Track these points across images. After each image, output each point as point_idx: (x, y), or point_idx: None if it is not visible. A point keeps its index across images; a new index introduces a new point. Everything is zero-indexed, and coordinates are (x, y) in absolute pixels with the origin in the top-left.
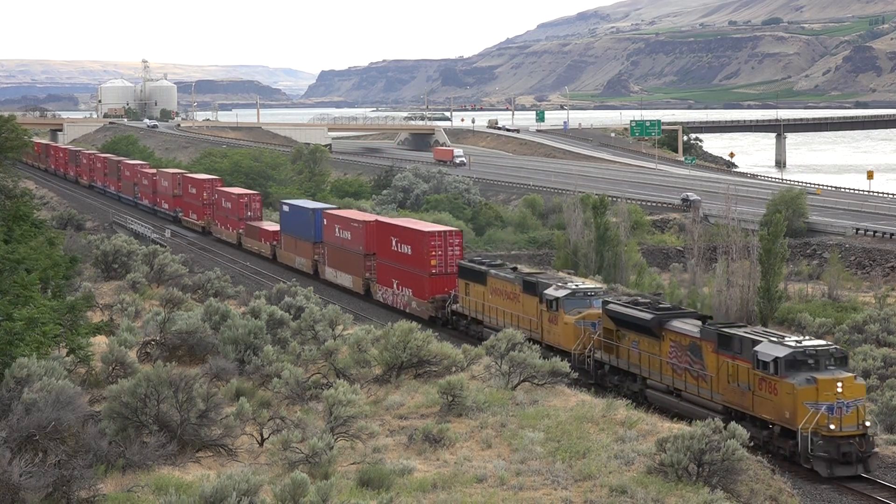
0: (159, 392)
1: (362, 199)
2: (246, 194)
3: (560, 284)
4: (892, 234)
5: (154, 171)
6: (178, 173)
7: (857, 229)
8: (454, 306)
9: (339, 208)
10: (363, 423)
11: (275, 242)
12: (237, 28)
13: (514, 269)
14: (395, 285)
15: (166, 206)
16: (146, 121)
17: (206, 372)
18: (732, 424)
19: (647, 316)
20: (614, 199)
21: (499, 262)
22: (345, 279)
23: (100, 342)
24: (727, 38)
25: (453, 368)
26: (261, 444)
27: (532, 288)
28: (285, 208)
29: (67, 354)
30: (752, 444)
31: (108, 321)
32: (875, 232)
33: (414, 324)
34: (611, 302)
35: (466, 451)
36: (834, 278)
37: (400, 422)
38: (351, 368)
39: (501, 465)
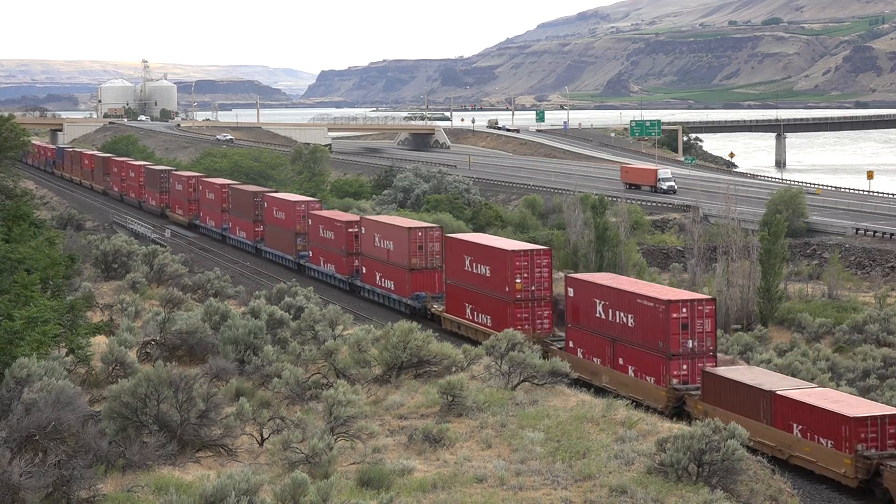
0: (159, 392)
1: (362, 199)
2: (695, 300)
3: None
4: (892, 234)
5: (379, 220)
6: (424, 228)
7: (857, 229)
8: None
9: None
10: (363, 423)
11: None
12: (237, 28)
13: None
14: None
15: (390, 285)
16: (219, 136)
17: (206, 372)
18: (732, 424)
19: None
20: (614, 199)
21: None
22: None
23: (100, 342)
24: (727, 38)
25: (453, 368)
26: (261, 444)
27: None
28: None
29: (67, 354)
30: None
31: (108, 321)
32: (875, 232)
33: (414, 324)
34: None
35: (466, 451)
36: (834, 278)
37: (400, 422)
38: (351, 368)
39: (501, 465)
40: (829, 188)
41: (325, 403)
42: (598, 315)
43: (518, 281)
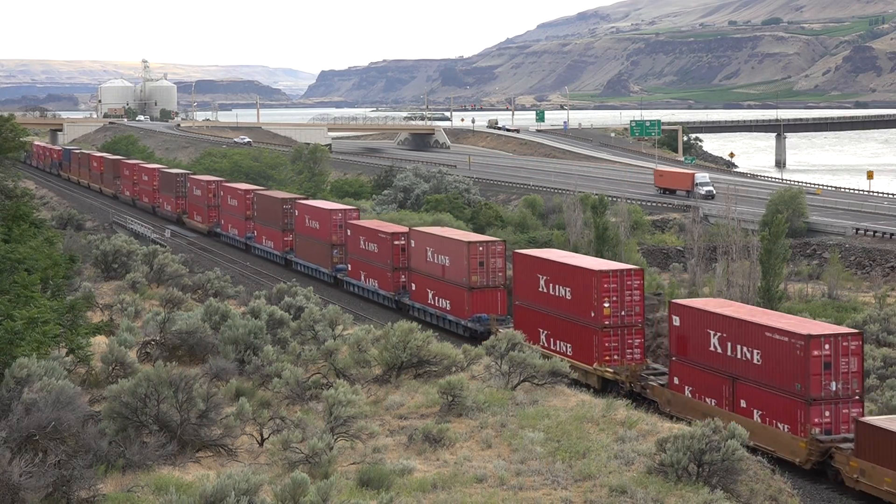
0: (159, 392)
1: (362, 199)
2: (840, 335)
3: None
4: (892, 234)
5: (432, 232)
6: (485, 242)
7: (857, 229)
8: None
9: None
10: (363, 423)
11: None
12: (237, 28)
13: None
14: None
15: (445, 305)
16: (237, 138)
17: (206, 372)
18: (732, 424)
19: None
20: (614, 199)
21: None
22: None
23: (100, 342)
24: (727, 38)
25: (453, 368)
26: (261, 444)
27: None
28: None
29: (67, 354)
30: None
31: (108, 321)
32: (875, 232)
33: (414, 324)
34: None
35: (466, 451)
36: (834, 278)
37: (400, 422)
38: (351, 368)
39: (501, 465)
40: (829, 188)
41: (325, 403)
42: (712, 349)
43: (606, 305)
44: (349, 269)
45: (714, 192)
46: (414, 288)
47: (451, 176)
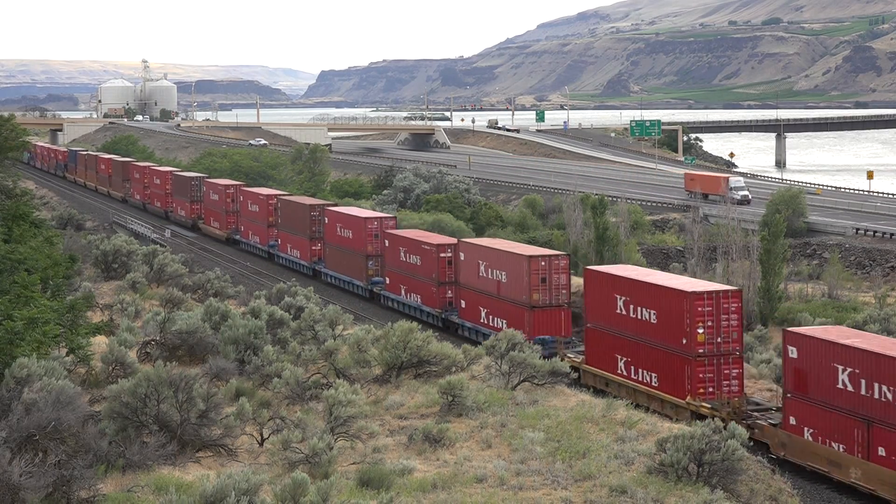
0: (159, 392)
1: (362, 199)
2: None
3: None
4: (892, 234)
5: (484, 244)
6: (547, 257)
7: (857, 229)
8: None
9: None
10: (363, 423)
11: None
12: (237, 28)
13: None
14: None
15: (502, 325)
16: (252, 141)
17: (206, 372)
18: (732, 424)
19: None
20: (614, 199)
21: None
22: None
23: (100, 342)
24: (727, 38)
25: (453, 368)
26: (261, 444)
27: None
28: None
29: (67, 354)
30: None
31: (108, 321)
32: (875, 232)
33: (414, 324)
34: None
35: (466, 451)
36: (834, 278)
37: (400, 422)
38: (351, 368)
39: (501, 465)
40: (829, 188)
41: (325, 403)
42: (840, 386)
43: (700, 331)
44: (387, 282)
45: (750, 196)
46: (464, 305)
47: (451, 176)
